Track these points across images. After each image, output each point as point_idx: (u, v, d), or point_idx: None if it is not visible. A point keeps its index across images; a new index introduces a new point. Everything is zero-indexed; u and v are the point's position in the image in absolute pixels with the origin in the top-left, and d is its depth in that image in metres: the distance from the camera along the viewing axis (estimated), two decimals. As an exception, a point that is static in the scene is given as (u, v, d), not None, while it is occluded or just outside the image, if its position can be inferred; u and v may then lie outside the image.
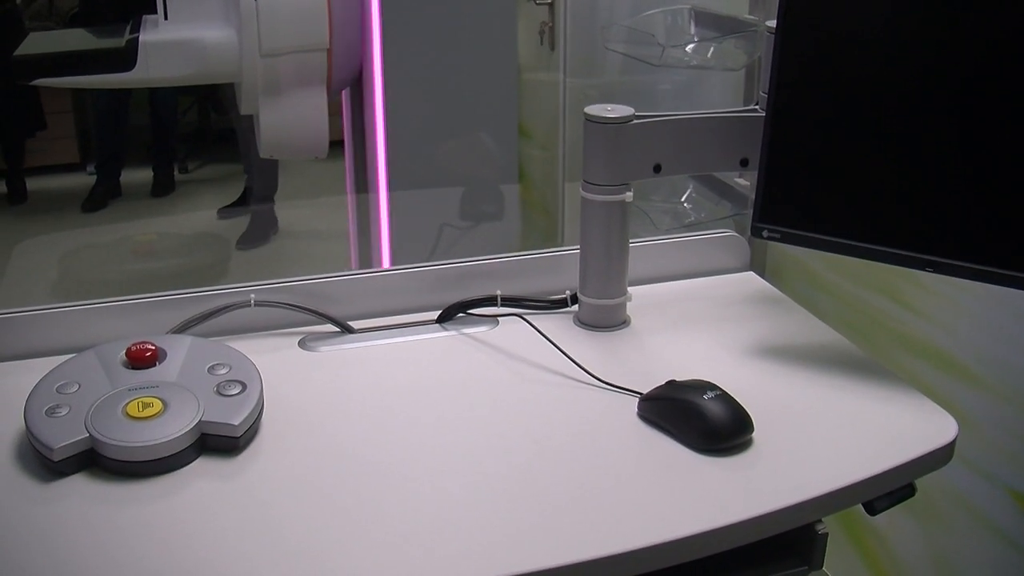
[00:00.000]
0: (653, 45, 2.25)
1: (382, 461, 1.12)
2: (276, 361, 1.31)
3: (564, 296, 1.47)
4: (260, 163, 4.62)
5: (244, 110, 2.31)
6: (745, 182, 2.03)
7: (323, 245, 4.54)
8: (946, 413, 1.21)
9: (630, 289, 1.44)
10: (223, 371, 1.19)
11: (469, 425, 1.20)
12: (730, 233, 1.61)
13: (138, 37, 2.16)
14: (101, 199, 5.27)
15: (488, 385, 1.29)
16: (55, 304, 1.35)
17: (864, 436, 1.18)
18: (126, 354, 1.20)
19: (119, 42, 2.19)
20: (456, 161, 2.83)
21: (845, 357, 1.36)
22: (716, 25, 2.23)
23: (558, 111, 3.21)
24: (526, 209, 3.52)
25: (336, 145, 2.58)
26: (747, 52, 2.03)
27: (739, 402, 1.16)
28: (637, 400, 1.22)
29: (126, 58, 2.15)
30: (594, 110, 1.36)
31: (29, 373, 1.20)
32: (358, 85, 2.62)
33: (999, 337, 1.66)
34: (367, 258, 2.75)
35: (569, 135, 3.17)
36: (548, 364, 1.32)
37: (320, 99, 2.31)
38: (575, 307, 1.46)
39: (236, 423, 1.11)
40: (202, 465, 1.11)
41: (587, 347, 1.36)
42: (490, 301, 1.45)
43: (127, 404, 1.12)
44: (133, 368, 1.19)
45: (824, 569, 1.16)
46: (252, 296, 1.40)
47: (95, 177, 5.41)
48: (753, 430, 1.15)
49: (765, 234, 1.32)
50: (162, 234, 5.03)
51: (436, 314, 1.45)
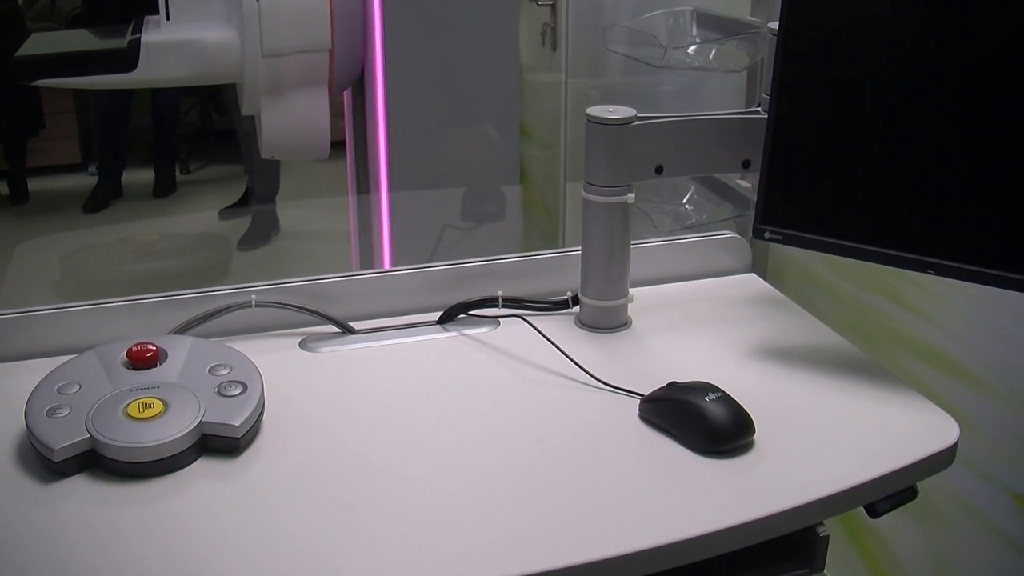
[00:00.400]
0: (655, 46, 2.26)
1: (383, 462, 1.12)
2: (277, 362, 1.31)
3: (565, 297, 1.47)
4: (261, 164, 4.63)
5: (246, 111, 2.31)
6: (746, 184, 2.03)
7: (324, 246, 4.54)
8: (947, 415, 1.21)
9: (631, 290, 1.44)
10: (224, 372, 1.19)
11: (470, 426, 1.20)
12: (731, 235, 1.61)
13: (140, 38, 2.16)
14: (103, 199, 5.28)
15: (489, 386, 1.29)
16: (56, 305, 1.35)
17: (865, 438, 1.17)
18: (127, 355, 1.20)
19: (121, 43, 2.18)
20: (457, 161, 2.83)
21: (846, 359, 1.35)
22: (718, 27, 2.24)
23: (560, 112, 3.21)
24: (527, 210, 3.52)
25: (337, 145, 2.58)
26: (749, 54, 2.03)
27: (740, 404, 1.16)
28: (638, 401, 1.22)
29: (128, 59, 2.15)
30: (596, 111, 1.36)
31: (30, 374, 1.20)
32: (360, 86, 2.61)
33: (999, 338, 1.66)
34: (368, 259, 2.75)
35: (571, 136, 3.17)
36: (549, 365, 1.32)
37: (322, 100, 2.31)
38: (576, 308, 1.46)
39: (237, 424, 1.11)
40: (203, 466, 1.11)
41: (588, 348, 1.36)
42: (491, 302, 1.45)
43: (128, 405, 1.12)
44: (134, 369, 1.19)
45: (825, 572, 1.16)
46: (253, 297, 1.40)
47: (97, 177, 5.42)
48: (754, 432, 1.15)
49: (767, 235, 1.32)
50: (163, 235, 5.03)
51: (437, 315, 1.44)
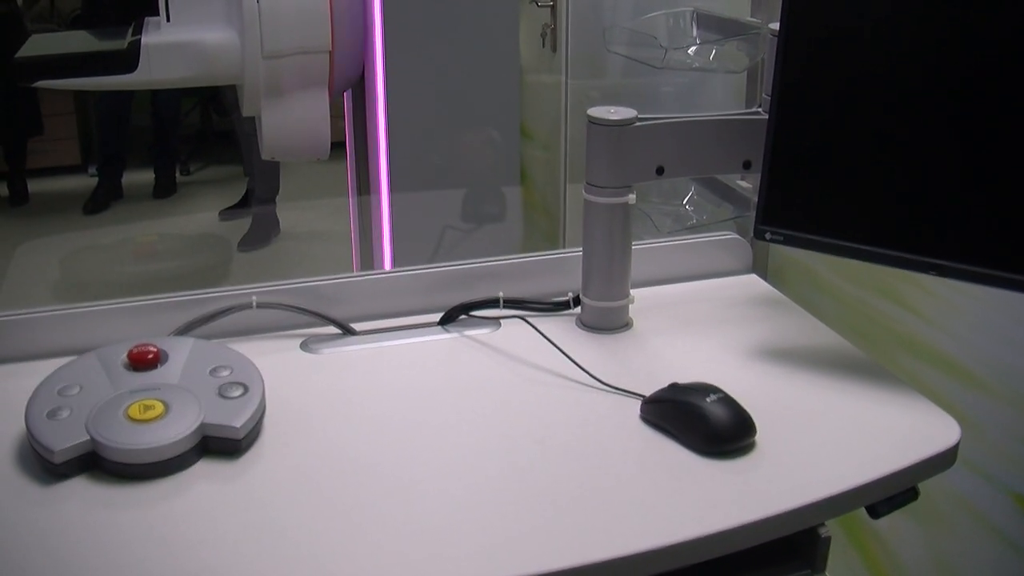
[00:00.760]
0: (655, 47, 2.25)
1: (384, 463, 1.12)
2: (278, 363, 1.31)
3: (566, 298, 1.47)
4: (262, 165, 4.63)
5: (246, 112, 2.31)
6: (747, 184, 2.03)
7: (325, 247, 4.54)
8: (949, 417, 1.21)
9: (632, 291, 1.43)
10: (225, 373, 1.19)
11: (471, 427, 1.20)
12: (732, 235, 1.61)
13: (140, 39, 2.15)
14: (103, 201, 5.28)
15: (490, 387, 1.29)
16: (56, 306, 1.35)
17: (867, 439, 1.17)
18: (128, 356, 1.20)
19: (121, 44, 2.18)
20: (458, 163, 2.83)
21: (848, 360, 1.35)
22: (718, 27, 2.23)
23: (560, 113, 3.21)
24: (528, 211, 3.52)
25: (338, 146, 2.57)
26: (749, 54, 2.03)
27: (741, 405, 1.16)
28: (639, 402, 1.22)
29: (128, 60, 2.15)
30: (597, 112, 1.36)
31: (30, 375, 1.20)
32: (360, 87, 2.61)
33: (1001, 340, 1.66)
34: (369, 260, 2.75)
35: (571, 136, 3.16)
36: (550, 366, 1.32)
37: (322, 101, 2.31)
38: (577, 309, 1.46)
39: (238, 425, 1.11)
40: (204, 468, 1.11)
41: (589, 349, 1.36)
42: (492, 303, 1.45)
43: (128, 406, 1.12)
44: (135, 370, 1.19)
45: (826, 573, 1.16)
46: (254, 298, 1.40)
47: (97, 179, 5.42)
48: (755, 433, 1.15)
49: (768, 236, 1.32)
50: (164, 236, 5.03)
51: (438, 316, 1.44)
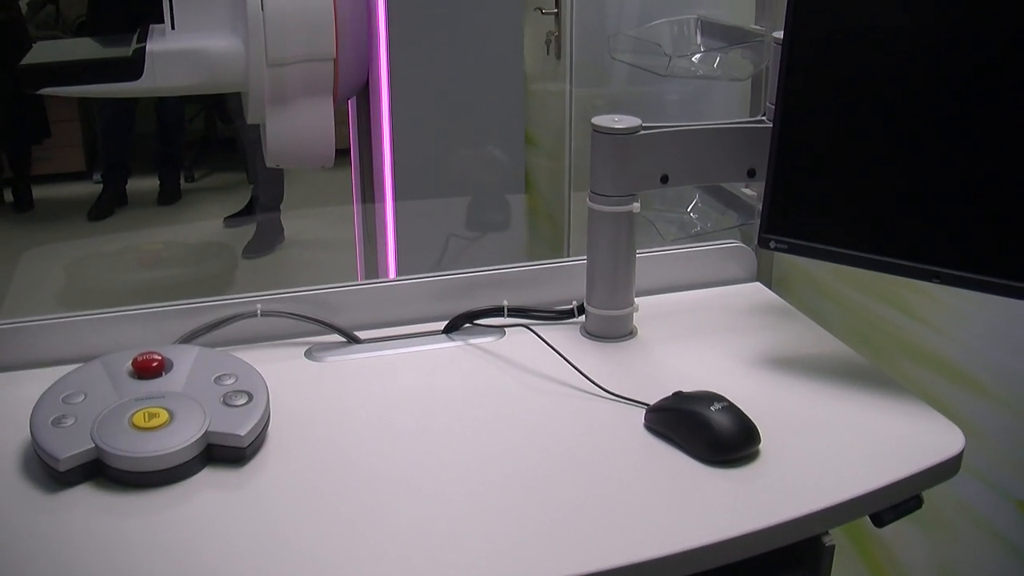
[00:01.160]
0: (660, 55, 2.26)
1: (388, 471, 1.12)
2: (282, 371, 1.31)
3: (571, 306, 1.47)
4: (265, 172, 4.63)
5: (251, 119, 2.31)
6: (751, 192, 2.03)
7: (329, 254, 4.54)
8: (953, 425, 1.21)
9: (637, 299, 1.43)
10: (230, 381, 1.19)
11: (475, 435, 1.20)
12: (737, 244, 1.61)
13: (145, 46, 2.15)
14: (107, 207, 5.29)
15: (495, 396, 1.29)
16: (61, 314, 1.36)
17: (871, 448, 1.17)
18: (132, 364, 1.20)
19: (126, 51, 2.18)
20: (462, 171, 2.83)
21: (852, 368, 1.35)
22: (722, 35, 2.24)
23: (564, 121, 3.21)
24: (533, 218, 3.52)
25: (342, 153, 2.57)
26: (753, 62, 2.03)
27: (746, 413, 1.16)
28: (644, 411, 1.22)
29: (133, 67, 2.15)
30: (601, 120, 1.36)
31: (35, 383, 1.20)
32: (364, 94, 2.61)
33: (1005, 347, 1.66)
34: (373, 268, 2.75)
35: (576, 145, 3.16)
36: (555, 375, 1.32)
37: (327, 108, 2.31)
38: (582, 318, 1.46)
39: (243, 433, 1.11)
40: (208, 476, 1.11)
41: (594, 358, 1.36)
42: (497, 311, 1.45)
43: (133, 414, 1.12)
44: (139, 378, 1.19)
45: (831, 581, 1.16)
46: (259, 306, 1.40)
47: (101, 185, 5.42)
48: (760, 441, 1.15)
49: (772, 245, 1.32)
50: (168, 243, 5.04)
51: (443, 324, 1.45)
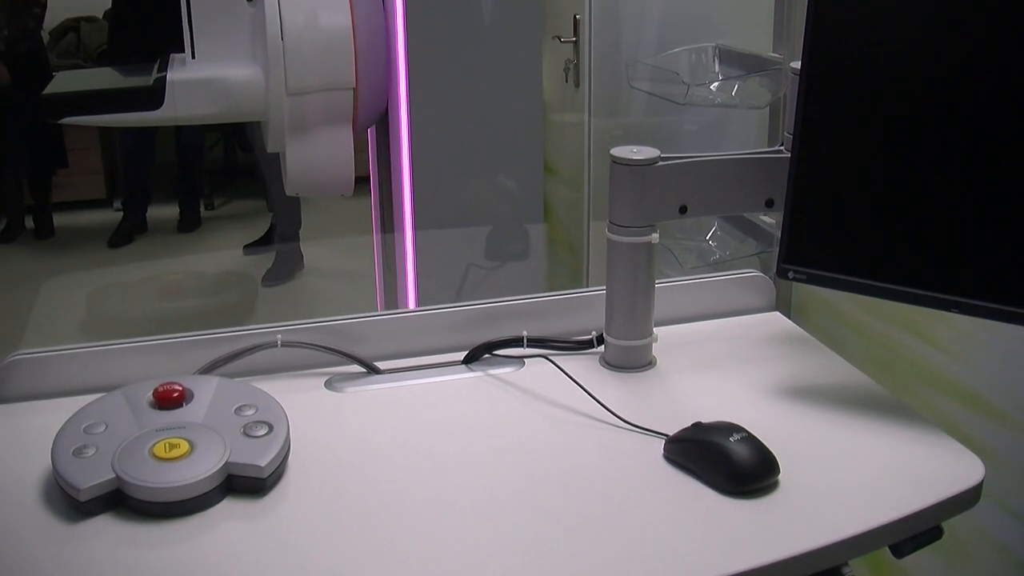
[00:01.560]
0: (678, 83, 2.26)
1: (408, 502, 1.12)
2: (303, 402, 1.32)
3: (590, 337, 1.47)
4: (282, 200, 4.64)
5: (271, 148, 2.32)
6: (770, 220, 2.03)
7: (348, 282, 4.55)
8: (972, 454, 1.21)
9: (656, 329, 1.43)
10: (250, 412, 1.20)
11: (495, 466, 1.20)
12: (756, 273, 1.61)
13: (166, 76, 2.17)
14: (127, 234, 5.32)
15: (514, 426, 1.29)
16: (82, 343, 1.36)
17: (890, 478, 1.17)
18: (153, 394, 1.21)
19: (147, 81, 2.19)
20: (482, 200, 2.84)
21: (871, 398, 1.35)
22: (740, 63, 2.24)
23: (583, 149, 3.21)
24: (552, 247, 3.52)
25: (361, 181, 2.58)
26: (771, 90, 2.03)
27: (765, 444, 1.16)
28: (663, 442, 1.21)
29: (154, 97, 2.16)
30: (620, 152, 1.36)
31: (56, 413, 1.20)
32: (384, 123, 2.62)
33: (1024, 374, 1.65)
34: (393, 297, 2.75)
35: (595, 175, 3.17)
36: (574, 405, 1.32)
37: (346, 137, 2.32)
38: (601, 348, 1.46)
39: (263, 464, 1.12)
40: (228, 506, 1.11)
41: (613, 388, 1.36)
42: (516, 342, 1.45)
43: (154, 445, 1.12)
44: (160, 408, 1.20)
45: (851, 613, 1.15)
46: (279, 337, 1.40)
47: (121, 213, 5.45)
48: (779, 472, 1.15)
49: (791, 275, 1.32)
50: (189, 273, 5.05)
51: (462, 355, 1.45)
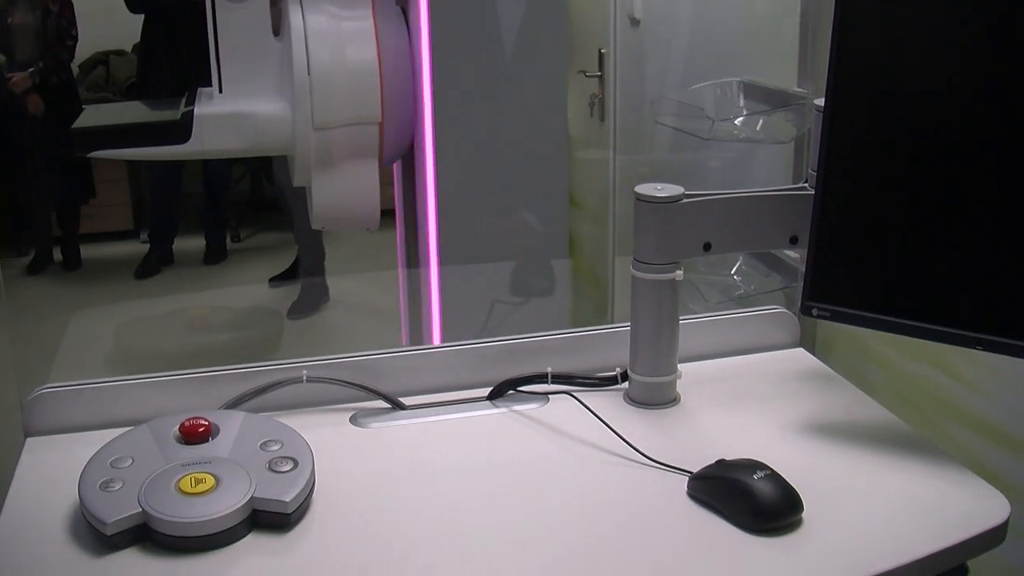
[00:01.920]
0: (702, 118, 2.27)
1: (432, 538, 1.13)
2: (328, 437, 1.32)
3: (614, 373, 1.47)
4: (305, 233, 4.66)
5: (297, 182, 2.33)
6: (795, 255, 2.03)
7: (373, 316, 4.55)
8: (998, 492, 1.20)
9: (680, 366, 1.44)
10: (275, 447, 1.20)
11: (519, 503, 1.20)
12: (780, 309, 1.61)
13: (193, 110, 2.19)
14: (154, 266, 5.34)
15: (538, 463, 1.29)
16: (109, 378, 1.37)
17: (914, 516, 1.17)
18: (179, 429, 1.22)
19: (175, 115, 2.21)
20: (507, 236, 2.84)
21: (895, 435, 1.35)
22: (765, 98, 2.24)
23: (608, 185, 3.22)
24: (577, 282, 3.52)
25: (386, 214, 2.59)
26: (796, 125, 2.04)
27: (789, 482, 1.16)
28: (687, 479, 1.21)
29: (181, 131, 2.18)
30: (644, 189, 1.37)
31: (83, 446, 1.21)
32: (409, 158, 2.63)
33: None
34: (418, 333, 2.75)
35: (619, 211, 3.17)
36: (598, 442, 1.32)
37: (372, 172, 2.33)
38: (625, 384, 1.46)
39: (288, 500, 1.12)
40: (253, 541, 1.11)
41: (637, 425, 1.36)
42: (540, 378, 1.45)
43: (180, 479, 1.13)
44: (186, 443, 1.21)
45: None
46: (304, 372, 1.41)
47: (148, 245, 5.48)
48: (803, 510, 1.14)
49: (815, 312, 1.32)
50: (215, 308, 5.07)
51: (487, 391, 1.45)
